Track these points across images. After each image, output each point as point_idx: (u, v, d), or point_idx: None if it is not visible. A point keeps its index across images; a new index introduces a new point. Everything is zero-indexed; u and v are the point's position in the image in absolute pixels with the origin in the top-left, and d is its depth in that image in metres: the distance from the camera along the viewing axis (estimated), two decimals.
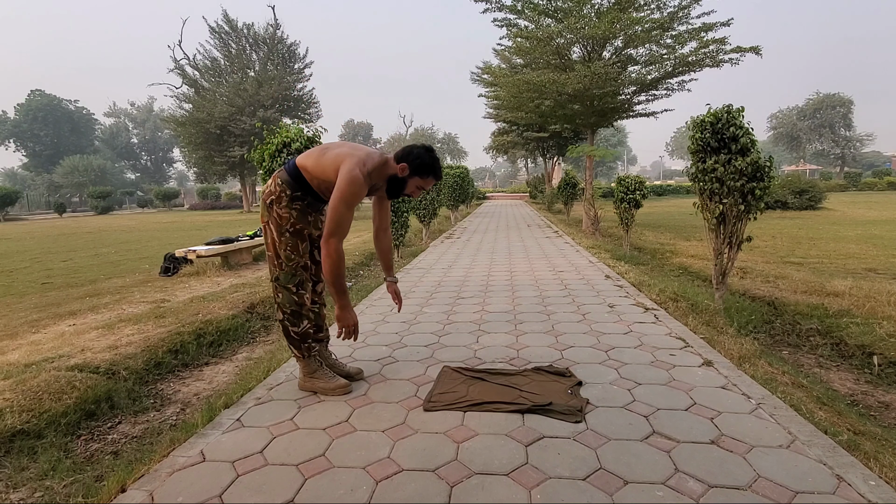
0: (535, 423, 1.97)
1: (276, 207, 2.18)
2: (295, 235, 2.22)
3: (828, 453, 1.70)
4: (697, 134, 3.78)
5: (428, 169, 2.21)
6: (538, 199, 27.63)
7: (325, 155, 2.14)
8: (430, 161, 2.20)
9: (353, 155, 2.09)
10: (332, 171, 2.09)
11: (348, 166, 2.04)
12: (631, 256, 6.85)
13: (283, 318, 2.32)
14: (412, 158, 2.18)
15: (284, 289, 2.27)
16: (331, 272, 2.07)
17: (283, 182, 2.17)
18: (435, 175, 2.24)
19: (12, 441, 2.01)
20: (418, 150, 2.19)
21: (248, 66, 29.34)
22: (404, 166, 2.17)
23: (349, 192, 2.02)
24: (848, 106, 49.90)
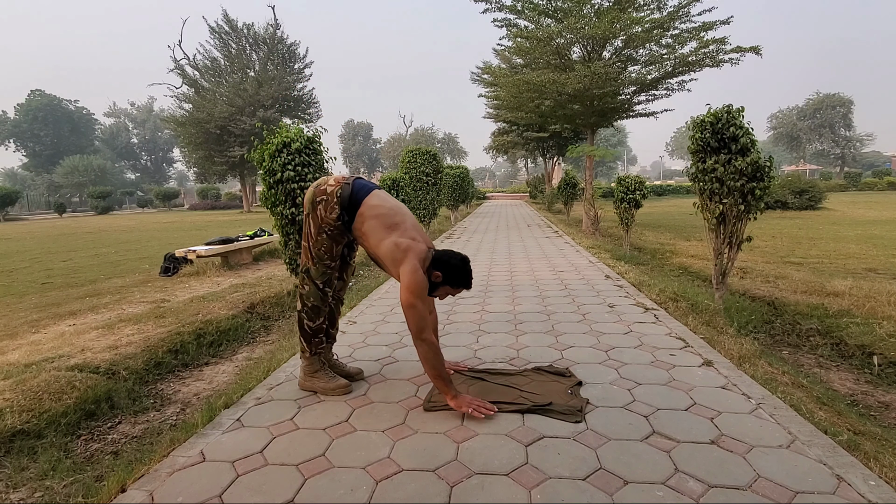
0: (535, 423, 1.97)
1: (322, 209, 2.19)
2: (331, 238, 2.24)
3: (828, 453, 1.70)
4: (697, 134, 3.78)
5: (460, 282, 2.20)
6: (538, 199, 27.63)
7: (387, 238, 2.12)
8: (464, 275, 2.19)
9: (413, 250, 2.08)
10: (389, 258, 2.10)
11: (412, 265, 2.05)
12: (631, 256, 6.85)
13: (301, 310, 2.33)
14: (447, 269, 2.17)
15: (312, 283, 2.30)
16: (434, 366, 2.03)
17: (341, 198, 2.17)
18: (466, 287, 2.23)
19: (12, 441, 2.01)
20: (455, 262, 2.18)
21: (248, 66, 29.33)
22: (439, 275, 2.16)
23: (419, 288, 2.03)
24: (848, 106, 49.89)
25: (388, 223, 2.16)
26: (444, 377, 2.06)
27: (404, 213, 2.26)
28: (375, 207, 2.18)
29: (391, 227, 2.15)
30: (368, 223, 2.16)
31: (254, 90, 27.22)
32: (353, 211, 2.18)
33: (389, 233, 2.13)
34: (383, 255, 2.12)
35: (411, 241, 2.12)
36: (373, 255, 2.23)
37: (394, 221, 2.17)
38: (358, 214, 2.17)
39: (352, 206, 2.18)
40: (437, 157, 9.63)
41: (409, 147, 9.43)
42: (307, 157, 3.94)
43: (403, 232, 2.15)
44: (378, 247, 2.13)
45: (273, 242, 7.74)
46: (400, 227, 2.16)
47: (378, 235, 2.14)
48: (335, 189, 2.19)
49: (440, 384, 2.07)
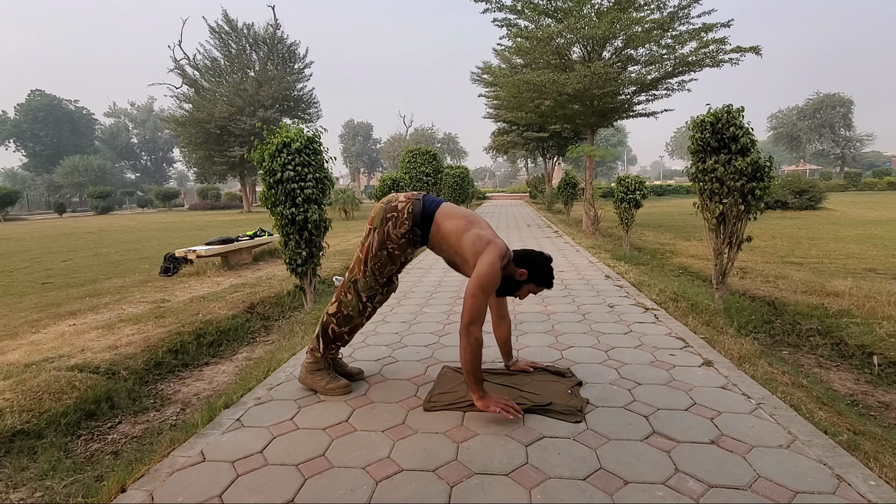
0: (535, 423, 1.97)
1: (391, 225, 2.20)
2: (391, 255, 2.25)
3: (828, 453, 1.70)
4: (697, 134, 3.78)
5: (545, 280, 2.22)
6: (538, 199, 27.63)
7: (468, 230, 2.14)
8: (549, 273, 2.21)
9: (496, 244, 2.09)
10: (469, 249, 2.09)
11: (491, 257, 2.03)
12: (631, 256, 6.85)
13: (333, 314, 2.32)
14: (534, 266, 2.18)
15: (357, 294, 2.29)
16: (471, 361, 1.99)
17: (412, 215, 2.19)
18: (548, 286, 2.25)
19: (12, 441, 2.01)
20: (541, 260, 2.20)
21: (248, 66, 29.32)
22: (524, 272, 2.18)
23: (490, 282, 2.01)
24: (848, 106, 49.89)
25: (467, 220, 2.19)
26: (478, 376, 2.03)
27: (477, 215, 2.30)
28: (451, 213, 2.22)
29: (470, 222, 2.18)
30: (448, 223, 2.17)
31: (254, 90, 27.21)
32: (427, 224, 2.20)
33: (470, 226, 2.16)
34: (465, 247, 2.11)
35: (494, 237, 2.13)
36: (452, 253, 2.21)
37: (471, 219, 2.20)
38: (434, 224, 2.19)
39: (424, 220, 2.20)
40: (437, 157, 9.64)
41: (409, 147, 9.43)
42: (307, 157, 3.93)
43: (483, 227, 2.18)
44: (460, 239, 2.13)
45: (273, 242, 7.74)
46: (478, 223, 2.20)
47: (459, 230, 2.14)
48: (406, 205, 2.21)
49: (471, 380, 2.03)
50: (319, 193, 4.02)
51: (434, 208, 2.23)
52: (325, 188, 4.09)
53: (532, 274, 2.19)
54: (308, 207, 3.92)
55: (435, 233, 2.21)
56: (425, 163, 9.11)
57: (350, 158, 66.65)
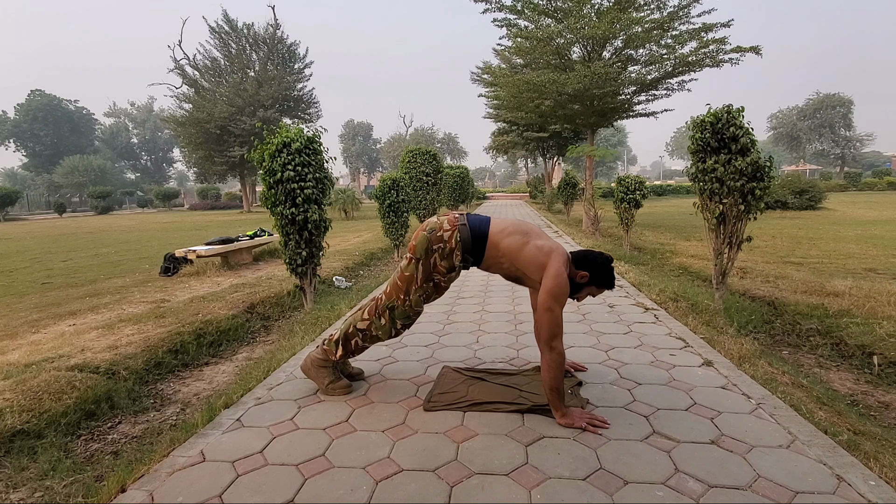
0: (535, 423, 1.97)
1: (438, 256, 2.13)
2: (435, 287, 2.21)
3: (828, 453, 1.70)
4: (697, 134, 3.78)
5: (606, 282, 2.16)
6: (538, 199, 27.63)
7: (527, 244, 2.08)
8: (610, 275, 2.16)
9: (558, 252, 2.05)
10: (532, 265, 2.04)
11: (557, 267, 2.00)
12: (631, 256, 6.85)
13: (363, 330, 2.27)
14: (596, 269, 2.13)
15: (392, 321, 2.24)
16: (557, 377, 1.95)
17: (462, 241, 2.11)
18: (610, 287, 2.19)
19: (12, 441, 2.01)
20: (602, 261, 2.14)
21: (248, 66, 29.32)
22: (586, 275, 2.13)
23: (562, 293, 1.98)
24: (848, 106, 49.87)
25: (522, 233, 2.12)
26: (561, 391, 1.97)
27: (529, 223, 2.23)
28: (504, 229, 2.14)
29: (526, 234, 2.11)
30: (505, 241, 2.10)
31: (254, 90, 27.21)
32: (479, 247, 2.12)
33: (528, 239, 2.09)
34: (526, 262, 2.06)
35: (553, 244, 2.08)
36: (512, 270, 2.14)
37: (525, 230, 2.13)
38: (491, 245, 2.12)
39: (476, 244, 2.12)
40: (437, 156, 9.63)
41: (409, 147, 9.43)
42: (307, 157, 3.93)
43: (540, 236, 2.12)
44: (519, 255, 2.07)
45: (273, 242, 7.74)
46: (534, 233, 2.13)
47: (517, 245, 2.08)
48: (453, 234, 2.12)
49: (553, 397, 1.97)
50: (319, 193, 4.02)
51: (485, 229, 2.14)
52: (325, 188, 4.10)
53: (593, 276, 2.14)
54: (308, 207, 3.92)
55: (492, 254, 2.13)
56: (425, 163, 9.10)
57: (350, 158, 66.66)
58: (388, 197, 6.89)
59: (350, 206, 18.38)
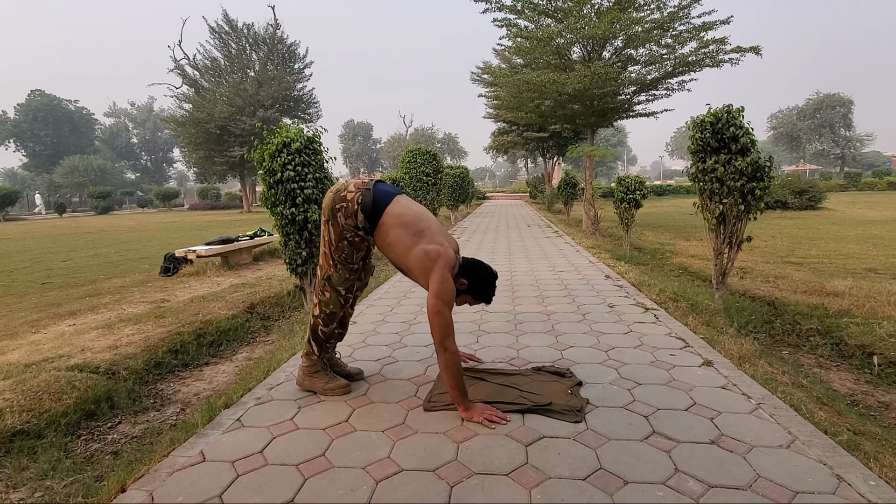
0: (535, 423, 1.97)
1: (342, 216, 2.14)
2: (352, 245, 2.20)
3: (828, 453, 1.70)
4: (697, 134, 3.78)
5: (483, 296, 2.23)
6: (538, 199, 27.63)
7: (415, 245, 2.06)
8: (489, 290, 2.22)
9: (444, 258, 2.04)
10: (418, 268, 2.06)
11: (441, 273, 2.01)
12: (631, 256, 6.85)
13: (318, 315, 2.29)
14: (477, 280, 2.18)
15: (334, 290, 2.26)
16: (454, 375, 2.00)
17: (362, 205, 2.10)
18: (487, 302, 2.27)
19: (12, 441, 2.01)
20: (485, 274, 2.20)
21: (248, 66, 29.31)
22: (464, 283, 2.17)
23: (448, 296, 2.01)
24: (848, 106, 49.88)
25: (413, 230, 2.08)
26: (462, 388, 2.03)
27: (429, 218, 2.20)
28: (399, 216, 2.11)
29: (417, 234, 2.08)
30: (393, 232, 2.09)
31: (254, 90, 27.21)
32: (375, 219, 2.12)
33: (417, 240, 2.06)
34: (412, 265, 2.07)
35: (440, 248, 2.06)
36: (400, 264, 2.17)
37: (419, 228, 2.10)
38: (381, 224, 2.11)
39: (374, 215, 2.11)
40: (437, 157, 9.63)
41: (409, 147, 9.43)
42: (307, 157, 3.93)
43: (431, 238, 2.09)
44: (406, 256, 2.07)
45: (273, 242, 7.74)
46: (426, 234, 2.10)
47: (405, 244, 2.07)
48: (355, 195, 2.12)
49: (456, 394, 2.03)
50: (319, 193, 4.02)
51: (384, 203, 2.12)
52: (325, 188, 4.09)
53: (472, 286, 2.18)
54: (308, 207, 3.92)
55: (381, 236, 2.13)
56: (425, 163, 9.10)
57: (350, 158, 66.68)
58: None
59: None
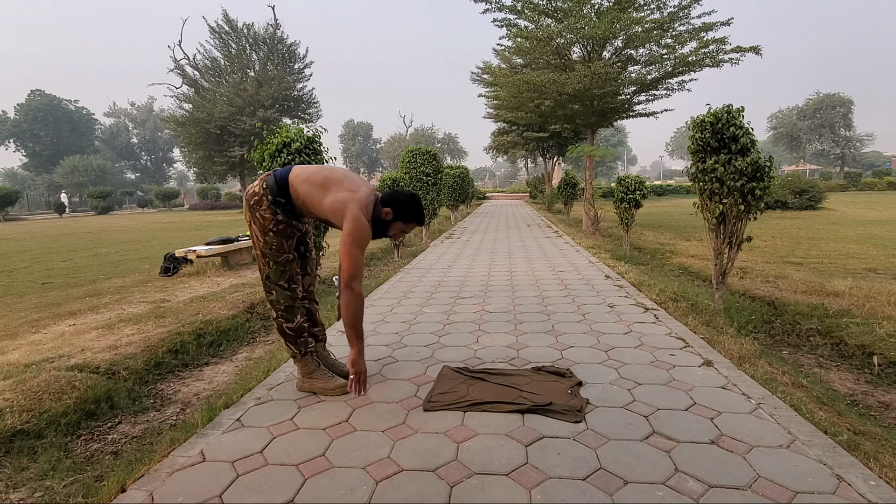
0: (535, 423, 1.97)
1: (258, 209, 2.20)
2: (279, 234, 2.23)
3: (828, 453, 1.70)
4: (697, 134, 3.78)
5: (412, 216, 2.28)
6: (538, 199, 27.63)
7: (325, 193, 2.14)
8: (414, 209, 2.28)
9: (354, 199, 2.12)
10: (329, 210, 2.13)
11: (353, 213, 2.09)
12: (631, 256, 6.85)
13: (277, 316, 2.34)
14: (397, 205, 2.25)
15: (276, 286, 2.29)
16: (352, 315, 2.11)
17: (268, 188, 2.18)
18: (418, 222, 2.32)
19: (12, 441, 2.01)
20: (403, 198, 2.27)
21: (248, 66, 29.28)
22: (389, 211, 2.24)
23: (360, 237, 2.08)
24: (848, 106, 49.89)
25: (319, 183, 2.17)
26: (357, 329, 2.13)
27: (332, 169, 2.30)
28: (301, 176, 2.19)
29: (324, 185, 2.16)
30: (303, 189, 2.16)
31: (254, 90, 27.20)
32: (286, 192, 2.18)
33: (325, 192, 2.15)
34: (329, 215, 2.15)
35: (349, 193, 2.14)
36: (322, 218, 2.23)
37: (324, 178, 2.18)
38: (291, 190, 2.17)
39: (282, 190, 2.18)
40: (437, 157, 9.62)
41: (409, 147, 9.41)
42: (307, 157, 3.93)
43: (339, 187, 2.17)
44: (321, 208, 2.15)
45: None
46: (333, 184, 2.17)
47: (316, 197, 2.15)
48: (260, 184, 2.21)
49: (351, 334, 2.14)
50: None
51: (285, 173, 2.21)
52: None
53: (397, 212, 2.24)
54: None
55: (297, 200, 2.18)
56: (425, 163, 9.09)
57: (350, 158, 66.66)
58: None
59: None
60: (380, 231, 2.29)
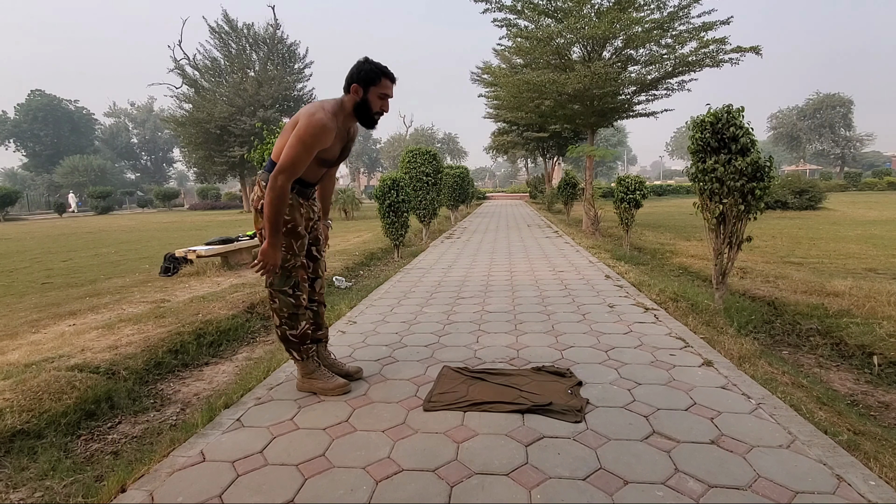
0: (535, 423, 1.97)
1: None
2: (288, 235, 2.18)
3: (828, 453, 1.70)
4: (697, 134, 3.78)
5: (376, 73, 2.11)
6: (538, 199, 27.62)
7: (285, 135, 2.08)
8: (373, 65, 2.11)
9: (310, 106, 2.05)
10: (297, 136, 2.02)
11: (308, 111, 2.02)
12: (631, 256, 6.85)
13: (280, 324, 2.27)
14: (357, 77, 2.10)
15: (280, 293, 2.23)
16: (270, 206, 2.00)
17: (265, 182, 2.11)
18: (386, 76, 2.13)
19: (12, 441, 2.01)
20: (357, 65, 2.13)
21: (248, 66, 29.30)
22: (355, 87, 2.10)
23: (308, 133, 1.98)
24: (848, 106, 49.87)
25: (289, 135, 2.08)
26: (275, 224, 2.03)
27: None
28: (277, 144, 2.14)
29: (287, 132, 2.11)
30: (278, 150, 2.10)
31: (254, 90, 27.21)
32: None
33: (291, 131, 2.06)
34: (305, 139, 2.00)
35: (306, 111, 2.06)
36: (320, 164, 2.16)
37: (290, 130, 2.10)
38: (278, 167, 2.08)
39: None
40: (437, 156, 9.62)
41: (409, 147, 9.42)
42: None
43: None
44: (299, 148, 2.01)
45: None
46: None
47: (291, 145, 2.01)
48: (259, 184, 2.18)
49: (268, 227, 2.03)
50: None
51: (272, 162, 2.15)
52: None
53: (361, 80, 2.09)
54: None
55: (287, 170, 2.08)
56: (425, 163, 9.09)
57: (350, 158, 66.54)
58: (388, 197, 6.89)
59: (350, 206, 18.37)
60: (367, 115, 2.15)
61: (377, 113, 2.17)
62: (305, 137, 1.98)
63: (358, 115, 2.17)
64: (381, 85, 2.13)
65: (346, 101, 2.16)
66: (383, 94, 2.15)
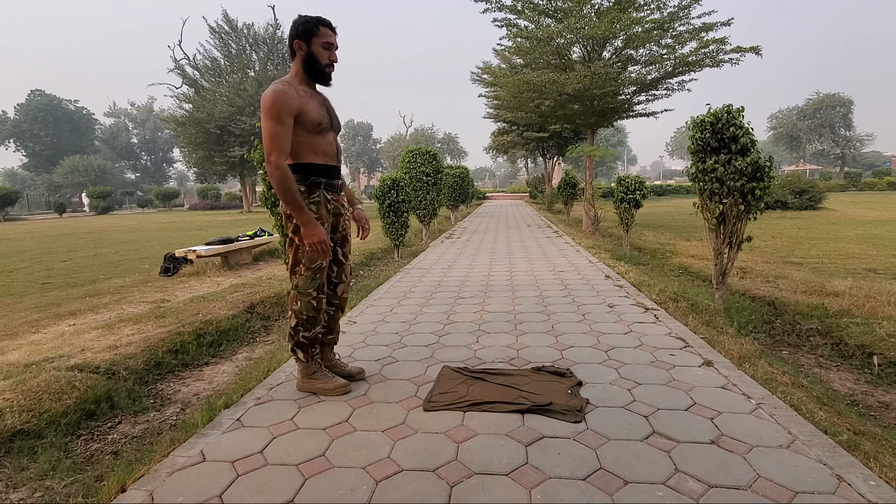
0: (535, 423, 1.97)
1: None
2: None
3: (828, 453, 1.70)
4: (697, 134, 3.78)
5: (313, 23, 2.14)
6: (538, 199, 27.63)
7: None
8: (309, 17, 2.16)
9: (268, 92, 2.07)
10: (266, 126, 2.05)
11: (266, 91, 2.05)
12: (631, 256, 6.85)
13: (296, 325, 2.27)
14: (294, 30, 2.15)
15: (303, 295, 2.23)
16: (279, 188, 2.02)
17: None
18: (323, 24, 2.16)
19: (12, 441, 2.01)
20: (293, 23, 2.17)
21: (248, 66, 29.31)
22: (297, 42, 2.14)
23: (272, 107, 2.00)
24: (848, 106, 49.89)
25: None
26: (293, 201, 2.03)
27: None
28: None
29: None
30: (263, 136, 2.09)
31: (254, 90, 27.19)
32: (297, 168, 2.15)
33: None
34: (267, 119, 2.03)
35: None
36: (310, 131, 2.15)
37: None
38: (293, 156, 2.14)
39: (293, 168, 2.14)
40: (437, 156, 9.62)
41: (409, 147, 9.42)
42: None
43: None
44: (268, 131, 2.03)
45: (273, 242, 7.74)
46: None
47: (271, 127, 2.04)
48: None
49: (293, 209, 2.05)
50: None
51: None
52: None
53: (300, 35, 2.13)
54: None
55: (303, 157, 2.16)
56: (425, 163, 9.09)
57: (350, 158, 66.65)
58: (388, 197, 6.89)
59: None
60: (318, 70, 2.17)
61: (327, 65, 2.19)
62: (269, 110, 2.01)
63: (309, 73, 2.18)
64: (322, 34, 2.16)
65: (295, 64, 2.19)
66: (326, 44, 2.17)
